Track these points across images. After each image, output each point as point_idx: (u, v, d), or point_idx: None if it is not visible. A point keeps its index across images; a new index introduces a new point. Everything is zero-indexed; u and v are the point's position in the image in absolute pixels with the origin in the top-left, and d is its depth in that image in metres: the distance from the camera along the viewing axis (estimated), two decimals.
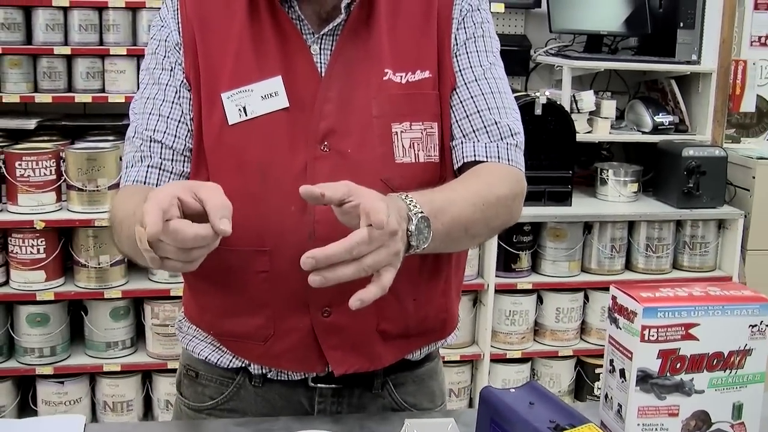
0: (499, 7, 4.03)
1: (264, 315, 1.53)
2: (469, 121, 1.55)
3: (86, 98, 3.76)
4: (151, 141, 1.55)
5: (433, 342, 1.67)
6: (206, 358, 1.63)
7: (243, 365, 1.60)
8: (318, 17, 1.53)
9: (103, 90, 3.78)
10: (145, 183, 1.54)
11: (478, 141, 1.54)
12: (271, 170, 1.48)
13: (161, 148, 1.54)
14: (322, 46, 1.52)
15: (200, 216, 1.20)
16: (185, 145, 1.55)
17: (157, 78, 1.57)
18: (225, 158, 1.51)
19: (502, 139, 1.55)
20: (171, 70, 1.56)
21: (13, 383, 3.71)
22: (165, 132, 1.54)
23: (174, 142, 1.54)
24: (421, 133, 1.52)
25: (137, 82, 3.72)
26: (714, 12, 4.16)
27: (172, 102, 1.55)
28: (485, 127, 1.54)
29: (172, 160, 1.55)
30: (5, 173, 3.53)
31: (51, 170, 3.55)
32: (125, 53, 3.71)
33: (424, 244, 1.29)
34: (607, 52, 4.38)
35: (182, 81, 1.55)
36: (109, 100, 3.72)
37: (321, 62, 1.52)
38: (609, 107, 4.09)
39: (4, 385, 3.66)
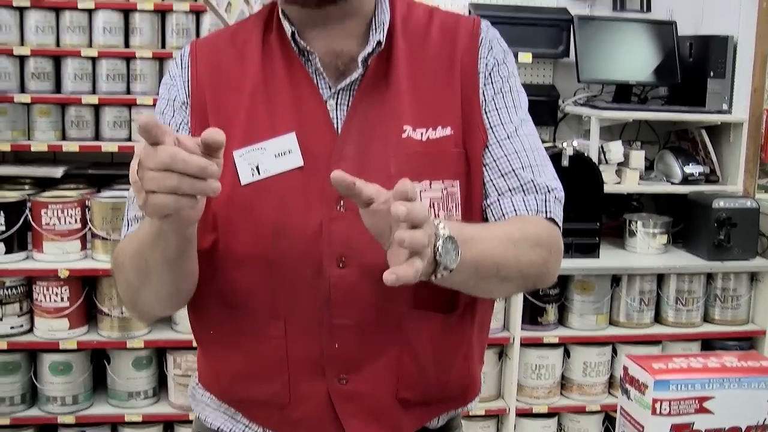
0: (527, 57, 4.03)
1: (280, 381, 1.48)
2: (505, 180, 1.49)
3: (113, 147, 3.78)
4: None
5: (454, 409, 1.61)
6: (218, 428, 1.58)
7: None
8: (336, 70, 1.49)
9: (129, 139, 3.82)
10: None
11: (515, 197, 1.49)
12: (285, 232, 1.43)
13: None
14: (339, 101, 1.47)
15: None
16: None
17: None
18: (236, 220, 1.45)
19: (538, 194, 1.51)
20: (177, 130, 1.52)
21: None
22: None
23: None
24: (442, 192, 1.46)
25: None
26: (745, 61, 4.12)
27: None
28: (522, 185, 1.49)
29: None
30: (31, 221, 3.55)
31: (76, 219, 3.57)
32: (152, 103, 3.73)
33: (452, 265, 1.22)
34: (637, 101, 4.34)
35: None
36: (136, 149, 3.73)
37: (337, 118, 1.47)
38: (638, 158, 4.04)
39: None
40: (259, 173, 1.45)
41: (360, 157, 1.44)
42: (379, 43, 1.48)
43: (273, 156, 1.45)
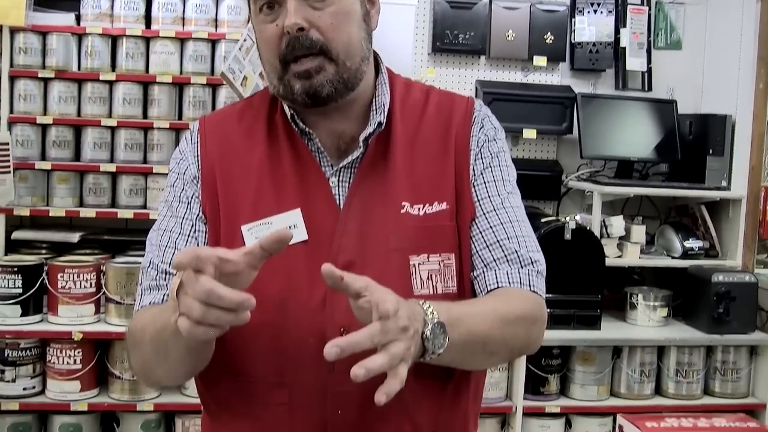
0: (532, 134, 4.16)
1: None
2: (490, 251, 1.54)
3: (128, 214, 3.89)
4: (166, 274, 1.53)
5: None
6: None
7: None
8: (337, 149, 1.55)
9: (144, 206, 3.93)
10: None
11: (500, 269, 1.53)
12: (290, 303, 1.47)
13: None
14: (341, 179, 1.53)
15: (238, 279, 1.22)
16: None
17: (174, 210, 1.57)
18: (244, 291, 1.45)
19: (522, 266, 1.53)
20: (188, 204, 1.56)
21: None
22: None
23: None
24: (439, 264, 1.51)
25: None
26: (743, 139, 4.24)
27: (188, 235, 1.55)
28: (506, 256, 1.53)
29: None
30: (48, 284, 3.63)
31: (91, 283, 3.65)
32: (167, 172, 3.84)
33: (439, 350, 1.28)
34: (638, 177, 4.45)
35: (198, 215, 1.55)
36: (151, 216, 3.83)
37: (339, 194, 1.53)
38: (639, 232, 4.14)
39: None
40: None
41: (361, 231, 1.50)
42: (380, 124, 1.55)
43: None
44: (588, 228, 3.95)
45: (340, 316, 1.45)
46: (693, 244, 4.20)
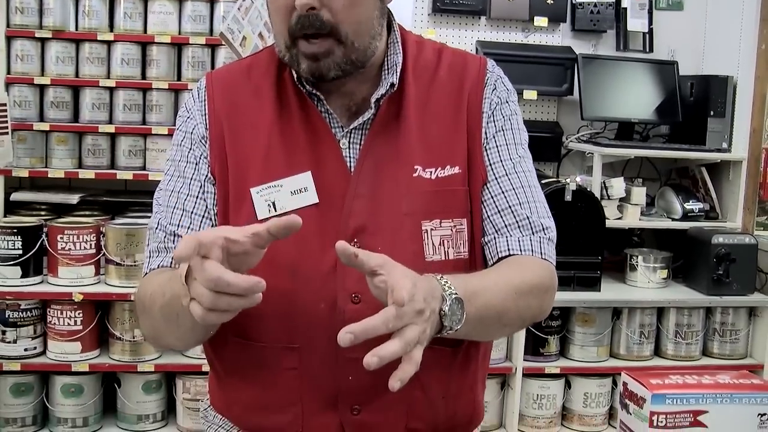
0: (533, 95, 4.14)
1: (293, 412, 1.50)
2: (501, 217, 1.52)
3: (127, 175, 3.88)
4: (174, 236, 1.51)
5: None
6: None
7: None
8: (347, 111, 1.53)
9: (144, 168, 3.92)
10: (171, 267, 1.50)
11: (511, 236, 1.51)
12: (301, 267, 1.45)
13: None
14: (352, 141, 1.51)
15: (247, 260, 1.20)
16: None
17: (182, 171, 1.54)
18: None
19: (534, 233, 1.53)
20: (196, 163, 1.54)
21: None
22: (189, 227, 1.51)
23: None
24: (451, 230, 1.50)
25: None
26: (744, 101, 4.23)
27: (197, 197, 1.52)
28: (517, 222, 1.52)
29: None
30: (47, 246, 3.63)
31: (91, 244, 3.65)
32: (167, 133, 3.83)
33: (456, 326, 1.27)
34: (639, 139, 4.44)
35: (207, 175, 1.53)
36: (150, 178, 3.84)
37: (350, 156, 1.51)
38: (639, 194, 4.13)
39: None
40: (275, 210, 1.48)
41: (372, 195, 1.48)
42: (392, 85, 1.52)
43: (289, 193, 1.48)
44: (588, 189, 3.95)
45: (351, 282, 1.44)
46: (693, 205, 4.20)
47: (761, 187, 4.29)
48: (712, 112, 4.25)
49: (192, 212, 1.52)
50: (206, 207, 1.53)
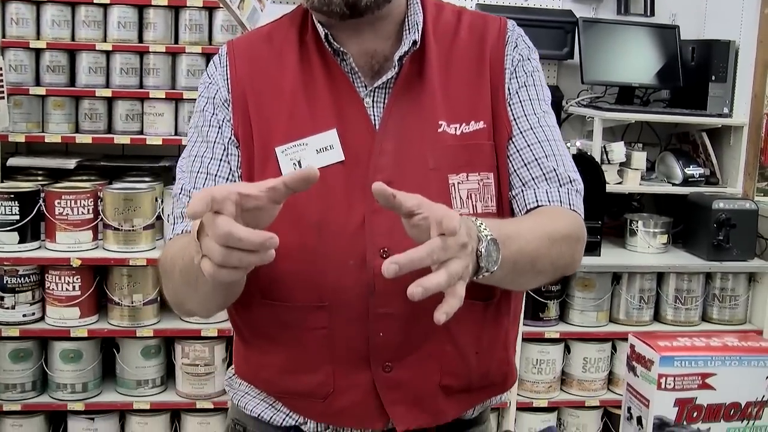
0: None
1: (324, 372, 1.49)
2: (528, 170, 1.52)
3: (125, 140, 3.86)
4: None
5: (494, 395, 1.63)
6: (259, 415, 1.58)
7: (297, 423, 1.55)
8: (370, 69, 1.53)
9: (141, 132, 3.90)
10: None
11: (539, 188, 1.51)
12: (329, 225, 1.45)
13: None
14: (375, 99, 1.51)
15: (262, 216, 1.18)
16: None
17: (205, 135, 1.54)
18: (280, 213, 1.31)
19: (562, 185, 1.53)
20: (219, 127, 1.53)
21: (45, 418, 3.77)
22: None
23: None
24: (478, 184, 1.49)
25: (175, 125, 3.86)
26: (746, 66, 4.20)
27: (220, 159, 1.52)
28: (544, 174, 1.52)
29: None
30: (45, 211, 3.62)
31: (89, 209, 3.63)
32: (164, 96, 3.81)
33: (493, 267, 1.25)
34: (639, 104, 4.41)
35: (230, 138, 1.53)
36: (147, 142, 3.82)
37: (374, 115, 1.51)
38: (639, 159, 4.11)
39: (35, 420, 3.73)
40: (301, 168, 1.44)
41: (398, 151, 1.48)
42: (414, 42, 1.52)
43: (315, 152, 1.48)
44: (588, 154, 3.93)
45: (379, 238, 1.43)
46: (693, 171, 4.18)
47: (762, 152, 4.27)
48: (713, 77, 4.22)
49: (216, 175, 1.51)
50: (230, 169, 1.52)
